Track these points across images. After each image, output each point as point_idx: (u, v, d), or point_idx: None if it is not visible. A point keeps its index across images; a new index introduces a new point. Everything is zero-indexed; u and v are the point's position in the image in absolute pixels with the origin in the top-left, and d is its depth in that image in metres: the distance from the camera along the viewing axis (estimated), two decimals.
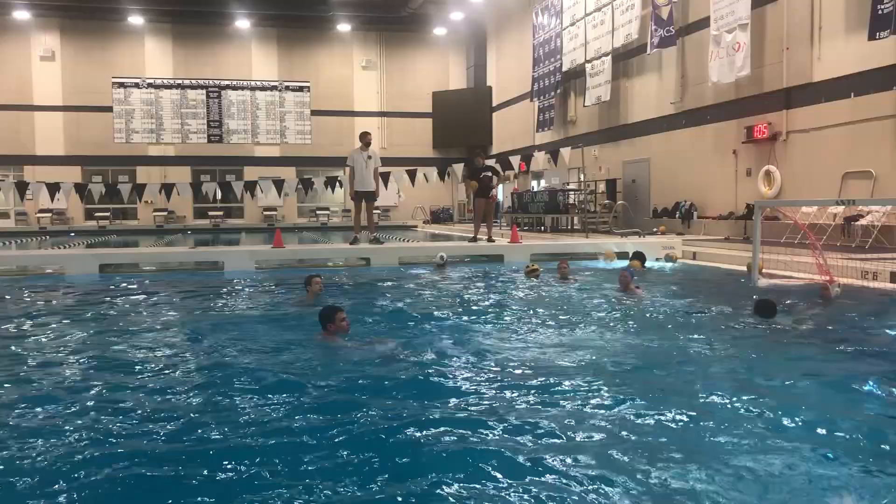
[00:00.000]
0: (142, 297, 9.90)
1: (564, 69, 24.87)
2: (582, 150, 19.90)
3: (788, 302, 7.92)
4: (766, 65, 16.27)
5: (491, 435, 3.95)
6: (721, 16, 16.98)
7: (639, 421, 4.15)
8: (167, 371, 5.45)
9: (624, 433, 3.94)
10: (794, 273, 10.45)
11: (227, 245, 18.71)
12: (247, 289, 10.94)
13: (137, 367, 5.60)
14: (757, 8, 16.17)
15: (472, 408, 4.45)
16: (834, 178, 14.41)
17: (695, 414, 4.25)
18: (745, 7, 16.16)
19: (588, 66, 23.12)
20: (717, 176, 18.15)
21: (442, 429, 4.02)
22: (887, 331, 6.87)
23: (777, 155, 16.21)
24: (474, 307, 8.65)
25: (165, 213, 31.11)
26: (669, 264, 13.60)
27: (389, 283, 11.25)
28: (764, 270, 10.54)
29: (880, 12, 12.88)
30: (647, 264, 12.61)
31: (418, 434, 3.94)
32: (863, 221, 13.34)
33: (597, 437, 3.91)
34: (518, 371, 5.36)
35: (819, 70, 15.02)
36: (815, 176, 15.06)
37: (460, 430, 3.99)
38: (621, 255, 13.96)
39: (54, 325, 7.63)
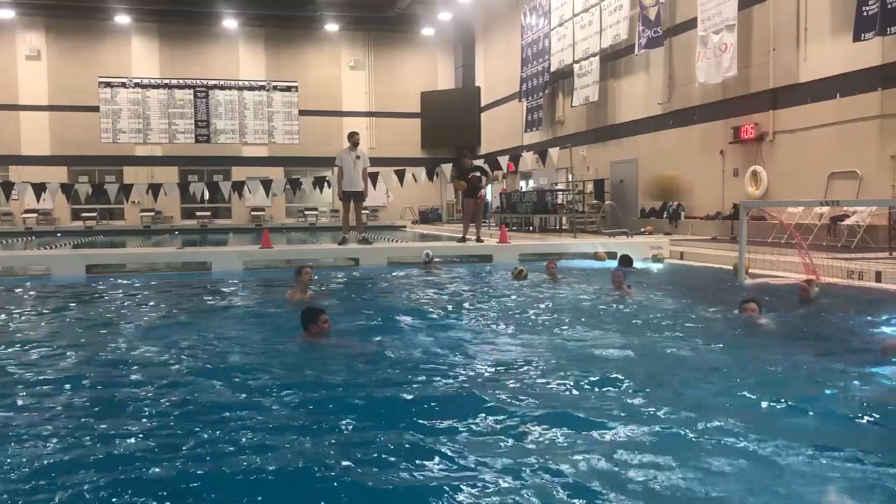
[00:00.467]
0: (129, 297, 9.85)
1: (552, 69, 24.93)
2: (570, 151, 19.95)
3: (767, 299, 7.94)
4: (753, 65, 16.37)
5: (471, 433, 3.95)
6: (708, 17, 17.07)
7: (624, 417, 4.16)
8: (149, 373, 5.41)
9: (608, 431, 3.95)
10: (781, 273, 10.51)
11: (214, 245, 18.65)
12: (234, 289, 10.90)
13: (121, 368, 5.57)
14: (744, 9, 16.27)
15: (453, 405, 4.46)
16: (820, 178, 14.51)
17: (678, 411, 4.27)
18: (732, 8, 16.25)
19: (576, 66, 23.18)
20: (704, 176, 18.23)
21: (421, 428, 4.02)
22: (867, 328, 6.92)
23: (764, 155, 16.31)
24: (461, 307, 8.65)
25: (153, 214, 30.94)
26: (657, 264, 13.65)
27: (377, 283, 11.25)
28: (750, 270, 10.60)
29: (865, 14, 12.99)
30: (635, 265, 12.63)
31: (398, 433, 3.94)
32: (848, 221, 13.43)
33: (581, 434, 3.91)
34: (503, 370, 5.37)
35: (805, 71, 15.12)
36: (801, 176, 15.16)
37: (440, 430, 4.00)
38: (612, 255, 13.99)
39: (39, 326, 7.58)
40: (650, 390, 4.77)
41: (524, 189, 26.55)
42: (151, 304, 9.36)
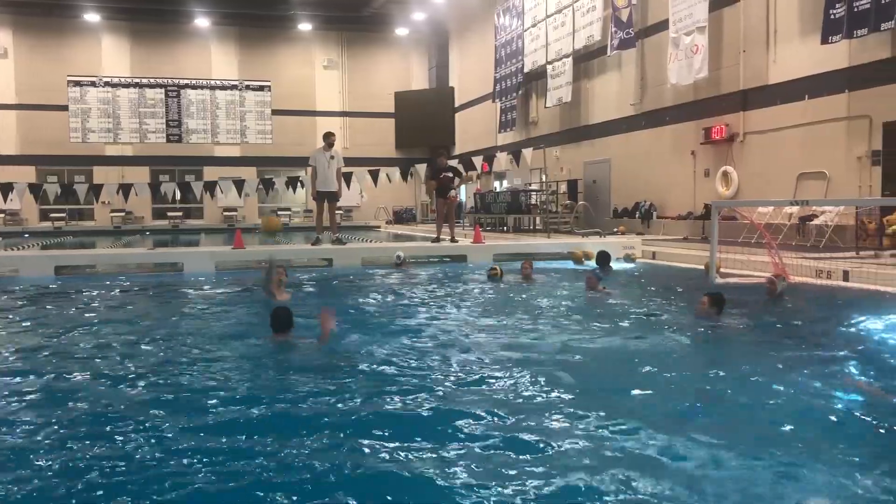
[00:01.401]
0: (97, 299, 9.73)
1: (526, 70, 25.02)
2: (544, 151, 20.04)
3: (733, 297, 8.03)
4: (724, 67, 16.55)
5: (436, 435, 3.95)
6: (679, 18, 17.23)
7: (592, 419, 4.18)
8: (120, 373, 5.35)
9: (578, 431, 3.97)
10: (751, 272, 10.63)
11: (186, 246, 18.46)
12: (206, 290, 10.81)
13: (90, 371, 5.50)
14: (714, 11, 16.44)
15: (420, 407, 4.46)
16: (789, 178, 14.71)
17: (639, 411, 4.32)
18: (703, 10, 16.42)
19: (549, 67, 23.29)
20: (676, 176, 18.40)
21: (387, 427, 4.04)
22: (832, 325, 7.02)
23: (734, 156, 16.50)
24: (434, 307, 8.65)
25: (123, 214, 30.56)
26: (629, 264, 13.73)
27: (351, 284, 11.21)
28: (721, 269, 10.71)
29: (832, 17, 13.19)
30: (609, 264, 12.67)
31: (366, 434, 3.94)
32: (817, 221, 13.63)
33: (550, 435, 3.93)
34: (476, 370, 5.38)
35: (775, 72, 15.32)
36: (771, 176, 15.35)
37: (408, 429, 4.01)
38: (589, 256, 13.98)
39: (8, 327, 7.46)
40: (614, 392, 4.81)
41: (498, 189, 26.62)
42: (120, 305, 9.25)
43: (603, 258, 12.39)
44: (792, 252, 11.27)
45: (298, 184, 19.79)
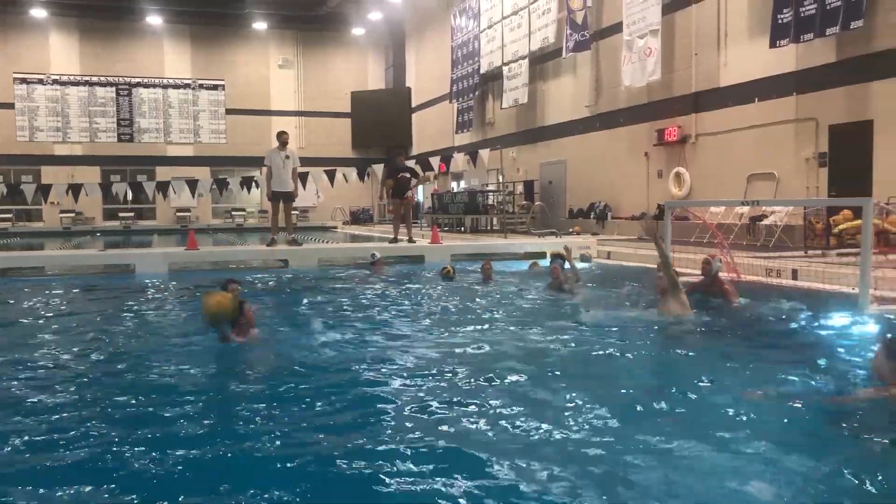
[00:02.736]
0: (44, 302, 9.49)
1: (482, 71, 25.11)
2: (500, 152, 20.13)
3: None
4: (676, 70, 16.81)
5: (382, 436, 3.94)
6: (633, 21, 17.45)
7: (550, 416, 4.21)
8: (69, 379, 5.23)
9: (537, 431, 3.99)
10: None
11: (138, 247, 18.12)
12: (159, 292, 10.61)
13: (36, 377, 5.36)
14: (667, 14, 16.69)
15: (375, 407, 4.46)
16: (740, 179, 15.01)
17: (593, 406, 4.36)
18: (656, 13, 16.66)
19: (505, 68, 23.41)
20: (630, 177, 18.64)
21: (336, 429, 4.04)
22: (780, 323, 7.18)
23: (687, 157, 16.77)
24: (389, 308, 8.63)
25: (73, 215, 29.87)
26: (585, 263, 13.85)
27: (306, 285, 11.11)
28: (675, 268, 10.84)
29: (780, 21, 13.50)
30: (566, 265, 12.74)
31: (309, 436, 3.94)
32: (767, 221, 13.93)
33: (507, 435, 3.94)
34: (431, 370, 5.37)
35: (725, 75, 15.62)
36: (722, 177, 15.64)
37: (359, 429, 4.00)
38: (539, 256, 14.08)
39: None
40: (569, 387, 4.84)
41: (456, 190, 26.66)
42: (71, 309, 9.04)
43: (555, 258, 12.47)
44: (743, 251, 11.50)
45: (253, 184, 19.57)
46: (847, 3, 12.17)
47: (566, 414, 4.26)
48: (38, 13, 30.14)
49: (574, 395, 4.62)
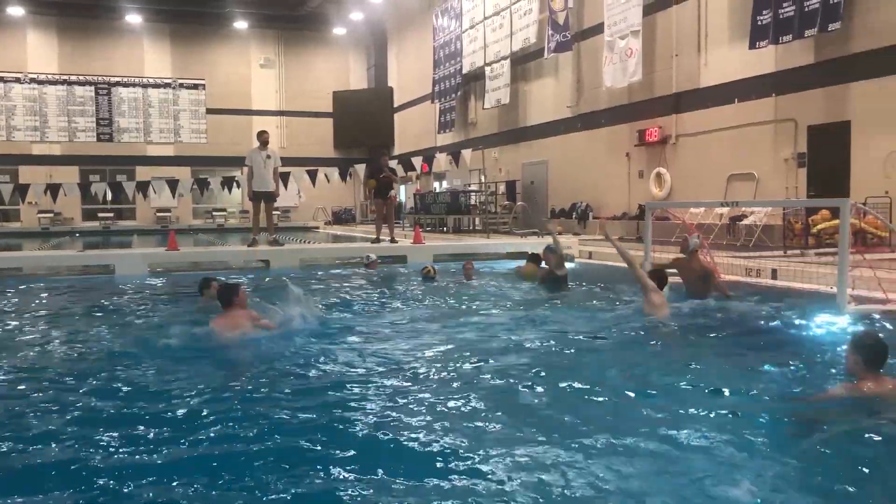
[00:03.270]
0: (25, 303, 9.39)
1: (465, 71, 25.12)
2: (483, 152, 20.15)
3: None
4: (657, 70, 16.91)
5: (357, 439, 3.94)
6: (614, 22, 17.53)
7: (523, 418, 4.22)
8: (47, 380, 5.18)
9: (516, 430, 4.01)
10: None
11: (118, 248, 17.97)
12: (139, 293, 10.53)
13: (13, 380, 5.31)
14: (648, 15, 16.78)
15: (349, 407, 4.47)
16: (720, 179, 15.11)
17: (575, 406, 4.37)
18: (637, 14, 16.74)
19: (487, 69, 23.44)
20: (611, 178, 18.72)
21: (307, 430, 4.02)
22: (759, 321, 7.25)
23: (667, 157, 16.87)
24: (371, 308, 8.62)
25: (51, 215, 29.54)
26: (567, 263, 13.87)
27: (284, 286, 11.05)
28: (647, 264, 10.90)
29: (760, 23, 13.61)
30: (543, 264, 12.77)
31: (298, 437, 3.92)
32: (746, 221, 14.03)
33: (487, 434, 3.95)
34: (412, 370, 5.37)
35: (706, 76, 15.72)
36: (702, 178, 15.74)
37: (328, 431, 4.01)
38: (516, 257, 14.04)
39: None
40: (552, 389, 4.86)
41: (438, 190, 26.64)
42: (48, 309, 8.95)
43: (534, 258, 12.49)
44: (723, 251, 11.58)
45: (234, 184, 19.45)
46: (825, 6, 12.29)
47: (545, 413, 4.28)
48: (16, 11, 29.77)
49: (552, 395, 4.63)
